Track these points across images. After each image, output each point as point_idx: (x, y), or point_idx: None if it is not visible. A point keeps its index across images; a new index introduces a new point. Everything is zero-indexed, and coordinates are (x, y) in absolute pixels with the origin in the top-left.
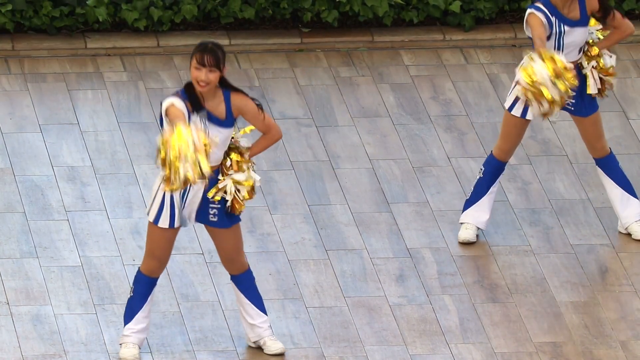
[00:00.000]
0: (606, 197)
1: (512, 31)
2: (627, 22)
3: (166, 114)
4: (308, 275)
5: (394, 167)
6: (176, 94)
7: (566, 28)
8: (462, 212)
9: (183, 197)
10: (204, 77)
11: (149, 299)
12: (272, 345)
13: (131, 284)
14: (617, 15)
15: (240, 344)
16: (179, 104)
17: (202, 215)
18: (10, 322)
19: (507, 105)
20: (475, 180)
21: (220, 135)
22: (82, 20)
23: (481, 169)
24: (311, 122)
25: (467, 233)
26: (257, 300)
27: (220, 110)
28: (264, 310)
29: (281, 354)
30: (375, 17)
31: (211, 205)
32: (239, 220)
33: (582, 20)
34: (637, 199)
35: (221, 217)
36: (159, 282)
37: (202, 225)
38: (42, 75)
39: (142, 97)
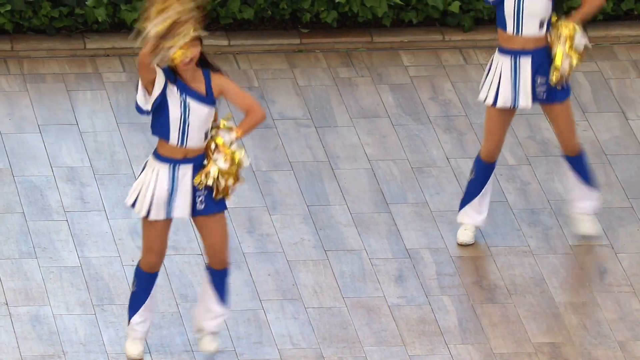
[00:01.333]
0: (605, 197)
1: None
2: None
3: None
4: (307, 275)
5: (393, 167)
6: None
7: None
8: (458, 211)
9: (172, 188)
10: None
11: (152, 292)
12: (208, 343)
13: (133, 278)
14: None
15: (239, 345)
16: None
17: (193, 207)
18: (9, 322)
19: (489, 101)
20: (468, 180)
21: (202, 112)
22: (82, 21)
23: (472, 170)
24: (310, 123)
25: (465, 235)
26: (223, 296)
27: (201, 87)
28: (226, 303)
29: (212, 356)
30: (374, 17)
31: (198, 192)
32: (225, 208)
33: None
34: (598, 191)
35: (208, 203)
36: (157, 282)
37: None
38: (41, 76)
39: None
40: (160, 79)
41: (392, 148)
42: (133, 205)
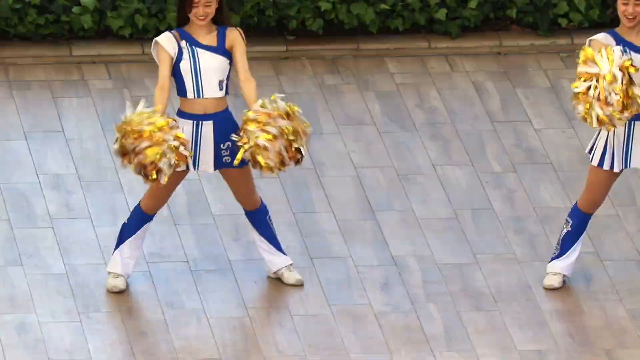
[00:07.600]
0: None
1: (498, 39)
2: None
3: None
4: None
5: (379, 175)
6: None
7: (632, 54)
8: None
9: (196, 144)
10: (201, 12)
11: (140, 232)
12: (290, 277)
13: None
14: None
15: (225, 352)
16: (165, 40)
17: (216, 161)
18: None
19: (594, 162)
20: (562, 235)
21: (211, 60)
22: (68, 28)
23: (567, 221)
24: None
25: (554, 279)
26: (269, 237)
27: (212, 40)
28: (279, 248)
29: (299, 285)
30: (360, 24)
31: (222, 147)
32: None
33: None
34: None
35: (232, 157)
36: (143, 290)
37: (187, 233)
38: (27, 83)
39: (127, 104)
40: (166, 55)
41: (378, 155)
42: None
